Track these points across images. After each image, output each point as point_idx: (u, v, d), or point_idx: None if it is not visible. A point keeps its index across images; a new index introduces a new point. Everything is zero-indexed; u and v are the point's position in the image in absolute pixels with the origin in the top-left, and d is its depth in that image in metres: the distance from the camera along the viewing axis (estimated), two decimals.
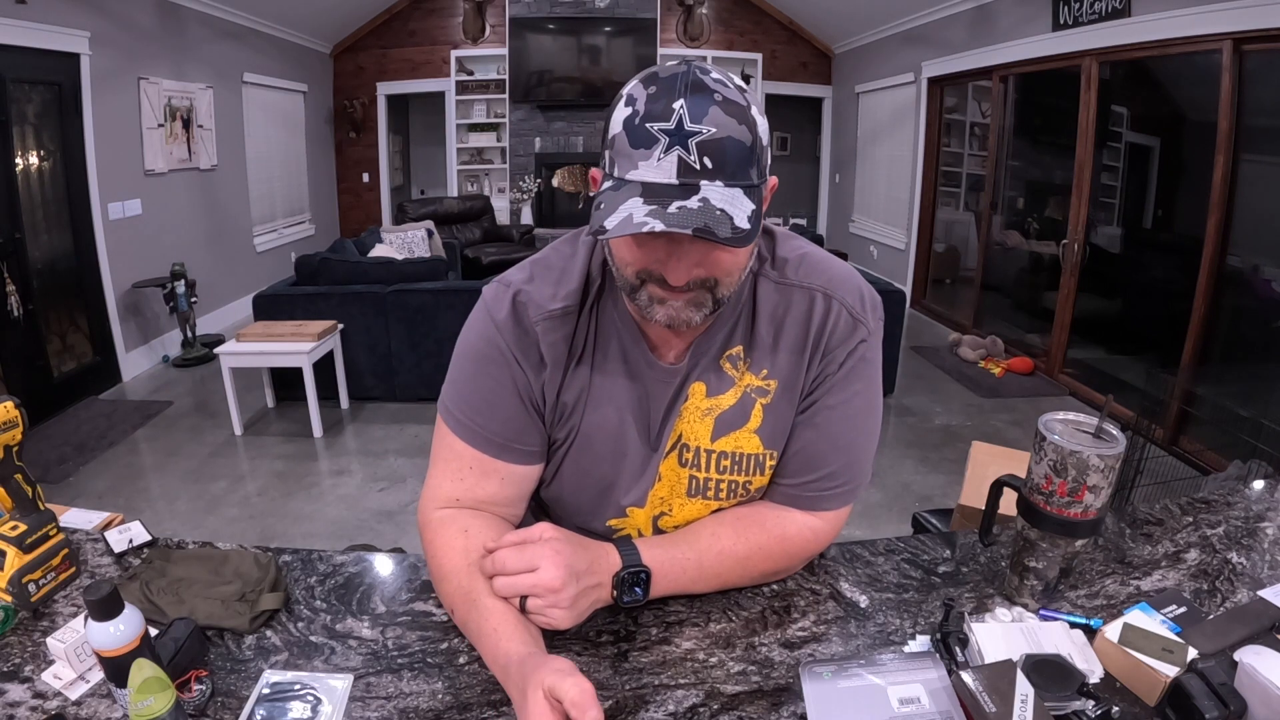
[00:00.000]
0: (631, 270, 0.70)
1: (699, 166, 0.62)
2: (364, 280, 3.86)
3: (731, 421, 0.82)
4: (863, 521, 2.79)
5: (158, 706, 0.62)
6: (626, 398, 0.81)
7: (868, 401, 0.83)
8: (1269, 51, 2.97)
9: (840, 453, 0.83)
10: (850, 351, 0.80)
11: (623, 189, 0.64)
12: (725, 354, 0.81)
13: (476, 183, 7.77)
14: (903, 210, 6.33)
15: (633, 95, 0.65)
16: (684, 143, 0.62)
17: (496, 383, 0.80)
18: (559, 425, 0.83)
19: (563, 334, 0.79)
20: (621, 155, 0.65)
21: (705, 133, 0.62)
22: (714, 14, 7.38)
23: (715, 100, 0.63)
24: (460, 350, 0.83)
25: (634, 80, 0.67)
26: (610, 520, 0.88)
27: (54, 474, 3.12)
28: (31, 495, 0.90)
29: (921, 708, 0.66)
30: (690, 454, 0.83)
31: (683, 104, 0.62)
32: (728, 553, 0.82)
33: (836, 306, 0.80)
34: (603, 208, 0.64)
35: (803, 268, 0.81)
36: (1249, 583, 0.89)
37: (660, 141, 0.62)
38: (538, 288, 0.79)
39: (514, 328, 0.79)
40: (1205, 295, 3.27)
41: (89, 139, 4.04)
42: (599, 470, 0.84)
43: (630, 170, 0.64)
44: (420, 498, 0.84)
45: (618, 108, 0.66)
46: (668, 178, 0.63)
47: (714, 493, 0.84)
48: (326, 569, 0.93)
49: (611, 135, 0.66)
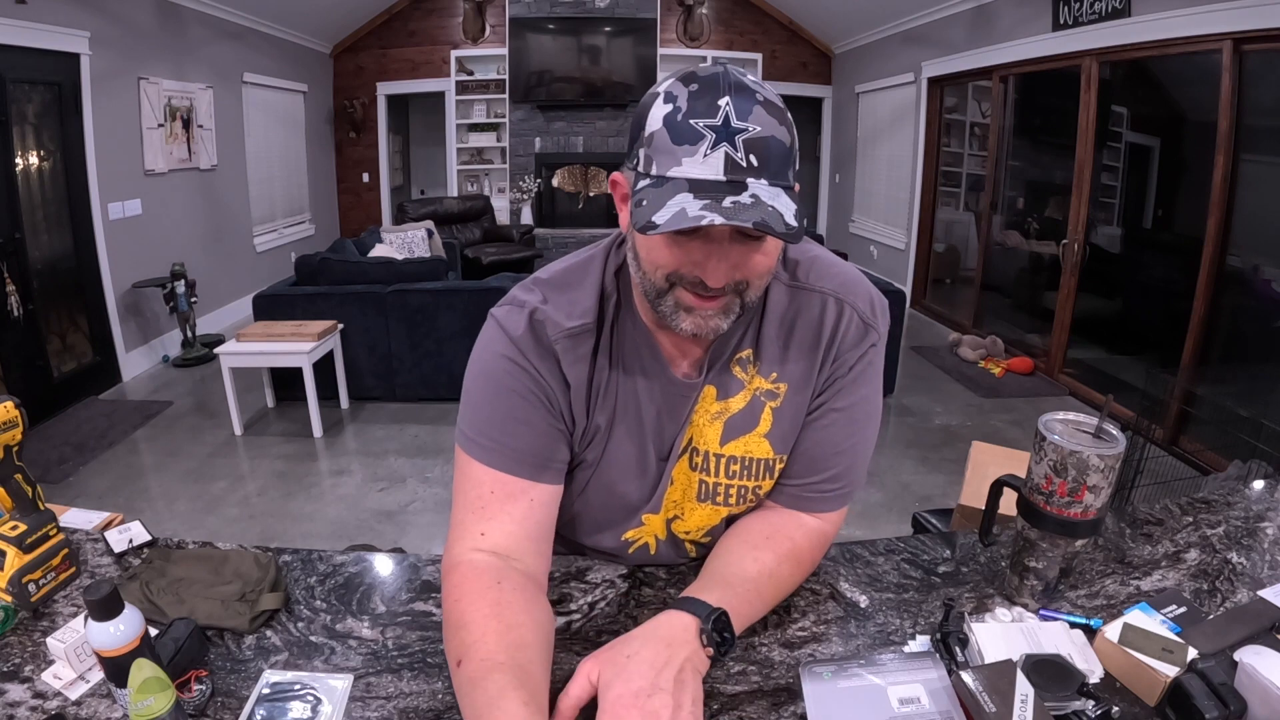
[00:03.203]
0: (663, 273, 0.67)
1: (745, 164, 0.61)
2: (364, 280, 3.86)
3: (741, 425, 0.81)
4: (863, 521, 2.79)
5: (158, 706, 0.62)
6: (650, 414, 0.80)
7: (873, 406, 0.84)
8: (1269, 51, 2.96)
9: (844, 455, 0.83)
10: (861, 355, 0.80)
11: (666, 185, 0.62)
12: (735, 357, 0.80)
13: (476, 183, 7.77)
14: (903, 210, 6.33)
15: (672, 92, 0.64)
16: (731, 139, 0.61)
17: (520, 398, 0.76)
18: (588, 447, 0.81)
19: (582, 353, 0.77)
20: (662, 152, 0.63)
21: (751, 131, 0.61)
22: (714, 14, 7.38)
23: (758, 100, 0.62)
24: (474, 374, 0.79)
25: (669, 79, 0.66)
26: (626, 534, 0.87)
27: (54, 474, 3.11)
28: (31, 495, 0.90)
29: (921, 708, 0.66)
30: (700, 458, 0.82)
31: (728, 101, 0.61)
32: (772, 573, 0.80)
33: (849, 311, 0.79)
34: (645, 204, 0.62)
35: (814, 271, 0.80)
36: (1249, 583, 0.89)
37: (706, 138, 0.61)
38: (553, 307, 0.77)
39: (534, 344, 0.76)
40: (1205, 295, 3.27)
41: (89, 139, 4.04)
42: (623, 487, 0.83)
43: (673, 167, 0.62)
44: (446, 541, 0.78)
45: (655, 105, 0.64)
46: (715, 174, 0.61)
47: (723, 498, 0.84)
48: (326, 569, 0.93)
49: (649, 133, 0.64)
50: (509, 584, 0.71)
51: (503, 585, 0.71)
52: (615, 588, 0.89)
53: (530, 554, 0.76)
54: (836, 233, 7.85)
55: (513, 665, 0.63)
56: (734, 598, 0.74)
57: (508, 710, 0.59)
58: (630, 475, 0.82)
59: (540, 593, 0.76)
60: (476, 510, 0.76)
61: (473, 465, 0.77)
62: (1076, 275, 4.21)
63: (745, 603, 0.76)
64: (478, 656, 0.64)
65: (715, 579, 0.77)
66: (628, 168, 0.69)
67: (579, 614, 0.84)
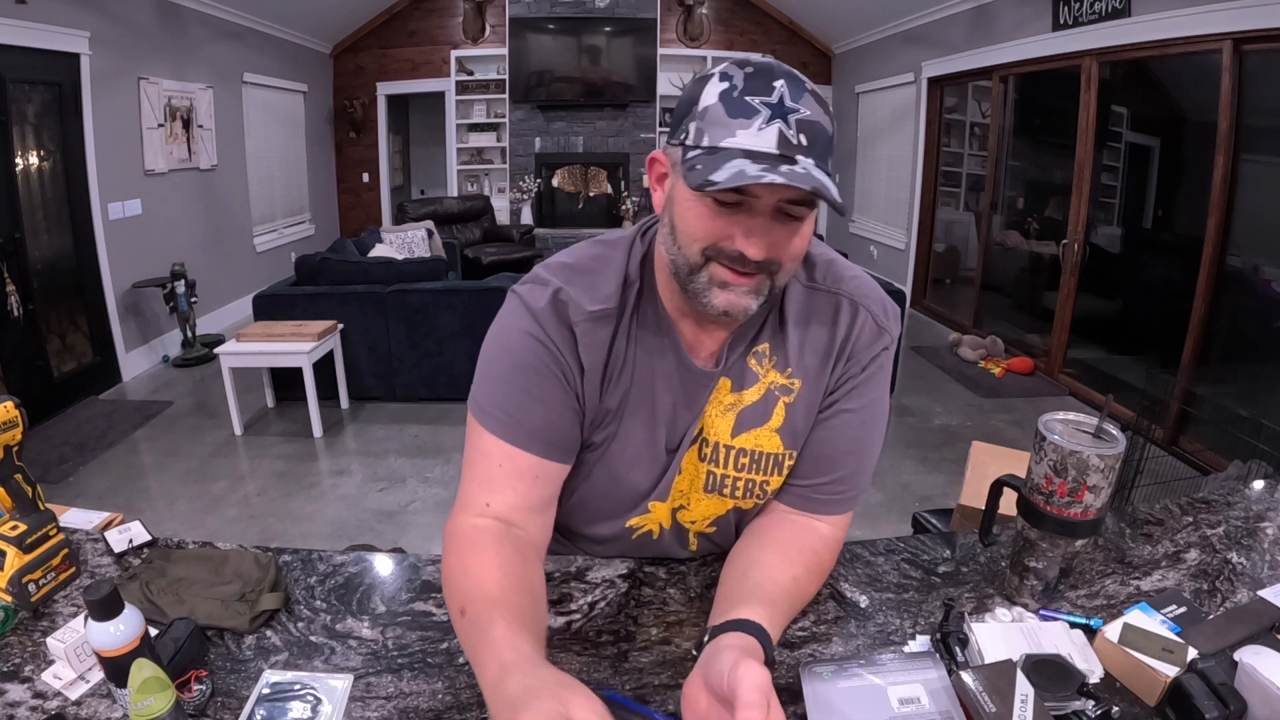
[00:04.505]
0: (700, 246, 0.68)
1: (796, 142, 0.64)
2: (364, 280, 3.86)
3: (753, 418, 0.82)
4: (863, 521, 2.79)
5: (158, 706, 0.62)
6: (664, 402, 0.81)
7: (882, 410, 0.85)
8: (1269, 51, 2.96)
9: (853, 457, 0.83)
10: (873, 357, 0.82)
11: (720, 153, 0.64)
12: (752, 350, 0.81)
13: (476, 183, 7.77)
14: (903, 210, 6.32)
15: (728, 73, 0.67)
16: (785, 117, 0.64)
17: (538, 375, 0.76)
18: (598, 430, 0.81)
19: (600, 337, 0.77)
20: (715, 125, 0.65)
21: (804, 112, 0.64)
22: (714, 14, 7.38)
23: (807, 89, 0.66)
24: (493, 348, 0.79)
25: (723, 64, 0.68)
26: (631, 520, 0.87)
27: (54, 474, 3.11)
28: (31, 495, 0.90)
29: (921, 708, 0.66)
30: (710, 449, 0.83)
31: (783, 83, 0.65)
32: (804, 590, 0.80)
33: (863, 314, 0.81)
34: (700, 168, 0.64)
35: (830, 274, 0.82)
36: (1249, 583, 0.89)
37: (762, 113, 0.64)
38: (576, 289, 0.77)
39: (555, 322, 0.76)
40: (1205, 295, 3.27)
41: (89, 139, 4.03)
42: (631, 475, 0.83)
43: (727, 138, 0.64)
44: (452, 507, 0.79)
45: (710, 83, 0.67)
46: (769, 146, 0.63)
47: (730, 490, 0.84)
48: (326, 569, 0.93)
49: (703, 107, 0.66)
50: (510, 544, 0.73)
51: (504, 543, 0.73)
52: (615, 588, 0.89)
53: (533, 525, 0.78)
54: (836, 233, 7.85)
55: (510, 605, 0.65)
56: (779, 616, 0.73)
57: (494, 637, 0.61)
58: (639, 462, 0.83)
59: (538, 559, 0.77)
60: (484, 483, 0.77)
61: (484, 437, 0.77)
62: (1076, 275, 4.21)
63: (783, 622, 0.74)
64: (478, 599, 0.66)
65: (759, 596, 0.73)
66: (672, 143, 0.70)
67: (579, 614, 0.84)
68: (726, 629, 0.67)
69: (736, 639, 0.65)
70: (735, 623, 0.68)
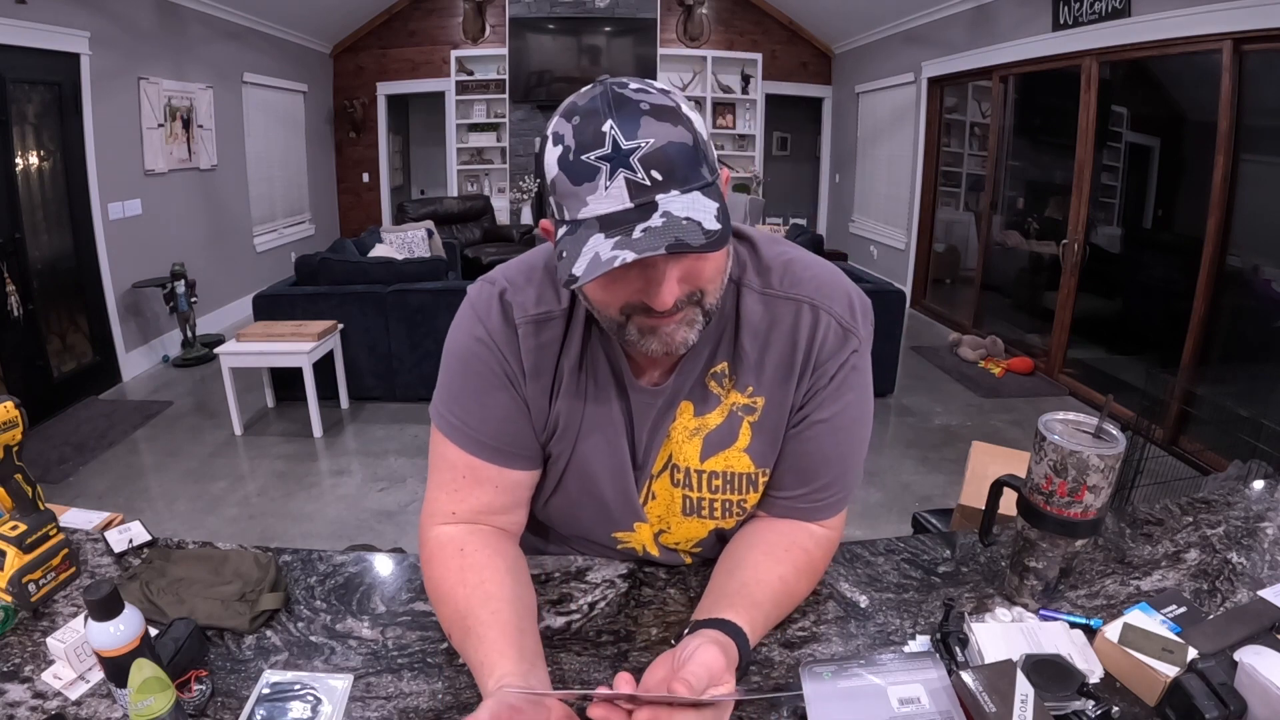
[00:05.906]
0: (613, 310, 0.67)
1: (649, 182, 0.59)
2: (364, 280, 3.86)
3: (720, 441, 0.80)
4: (863, 521, 2.79)
5: (158, 706, 0.62)
6: (619, 420, 0.80)
7: (860, 411, 0.81)
8: (1269, 51, 2.96)
9: (832, 464, 0.81)
10: (841, 364, 0.78)
11: (579, 230, 0.61)
12: (710, 372, 0.79)
13: (476, 183, 7.77)
14: (903, 210, 6.32)
15: (558, 132, 0.63)
16: (626, 162, 0.59)
17: (487, 383, 0.77)
18: (553, 441, 0.81)
19: (542, 341, 0.77)
20: (566, 196, 0.62)
21: (644, 146, 0.59)
22: (714, 14, 7.38)
23: (643, 110, 0.60)
24: (449, 351, 0.80)
25: (554, 117, 0.65)
26: (616, 533, 0.87)
27: (54, 474, 3.11)
28: (31, 495, 0.90)
29: (921, 708, 0.66)
30: (681, 474, 0.82)
31: (611, 124, 0.60)
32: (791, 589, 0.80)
33: (825, 319, 0.76)
34: (565, 256, 0.61)
35: (787, 277, 0.77)
36: (1249, 583, 0.89)
37: (602, 170, 0.59)
38: (523, 289, 0.77)
39: (503, 327, 0.77)
40: (1205, 295, 3.27)
41: (89, 139, 4.03)
42: (598, 490, 0.83)
43: (580, 209, 0.61)
44: (421, 512, 0.82)
45: (546, 149, 0.64)
46: (621, 204, 0.60)
47: (709, 512, 0.83)
48: (326, 569, 0.93)
49: (550, 180, 0.63)
50: (470, 546, 0.77)
51: (465, 552, 0.76)
52: (615, 588, 0.89)
53: (502, 520, 0.82)
54: (836, 233, 7.85)
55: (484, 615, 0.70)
56: (762, 616, 0.74)
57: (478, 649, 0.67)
58: (603, 478, 0.82)
59: (509, 541, 0.81)
60: (449, 490, 0.80)
61: (446, 444, 0.79)
62: (1076, 275, 4.21)
63: (767, 622, 0.76)
64: (456, 620, 0.72)
65: (742, 596, 0.74)
66: (550, 218, 0.68)
67: (579, 614, 0.84)
68: (705, 626, 0.69)
69: (712, 635, 0.67)
70: (714, 621, 0.70)
